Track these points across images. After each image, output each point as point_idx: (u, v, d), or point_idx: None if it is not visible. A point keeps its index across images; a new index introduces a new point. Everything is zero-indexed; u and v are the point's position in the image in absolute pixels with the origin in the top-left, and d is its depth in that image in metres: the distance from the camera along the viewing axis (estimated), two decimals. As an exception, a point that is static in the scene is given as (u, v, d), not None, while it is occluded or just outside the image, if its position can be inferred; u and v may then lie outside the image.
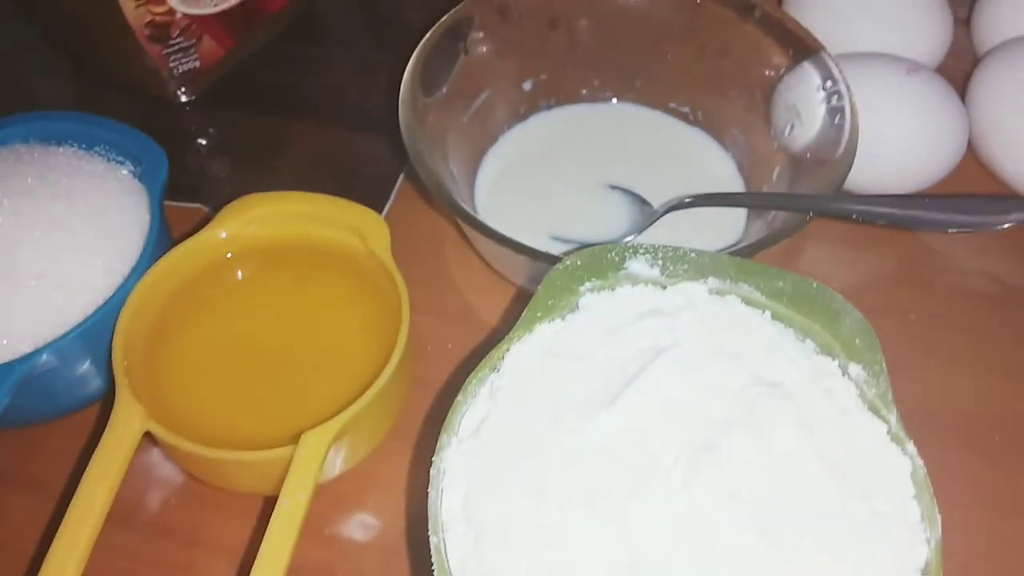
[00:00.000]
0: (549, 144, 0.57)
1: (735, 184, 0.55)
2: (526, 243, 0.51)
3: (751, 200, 0.48)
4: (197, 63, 0.62)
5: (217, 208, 0.48)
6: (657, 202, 0.53)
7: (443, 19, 0.52)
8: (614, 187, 0.55)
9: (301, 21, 0.69)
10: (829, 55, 0.50)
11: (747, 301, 0.38)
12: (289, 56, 0.67)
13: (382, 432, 0.44)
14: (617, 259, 0.40)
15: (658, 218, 0.51)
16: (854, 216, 0.41)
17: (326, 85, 0.66)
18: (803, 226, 0.43)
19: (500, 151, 0.57)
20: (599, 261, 0.40)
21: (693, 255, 0.40)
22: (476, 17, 0.53)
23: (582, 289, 0.39)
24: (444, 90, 0.52)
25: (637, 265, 0.40)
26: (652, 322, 0.37)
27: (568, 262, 0.40)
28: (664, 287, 0.39)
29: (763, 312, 0.38)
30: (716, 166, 0.56)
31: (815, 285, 0.38)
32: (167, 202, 0.49)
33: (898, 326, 0.49)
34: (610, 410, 0.34)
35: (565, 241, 0.52)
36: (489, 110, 0.56)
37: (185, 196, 0.57)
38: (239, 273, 0.47)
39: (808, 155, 0.49)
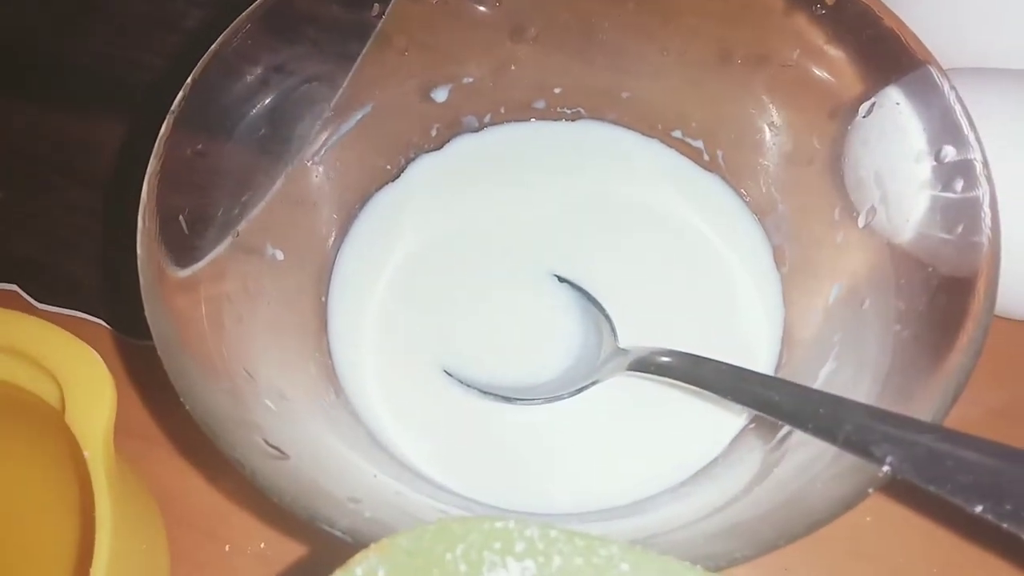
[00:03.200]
0: (467, 193, 0.35)
1: (764, 290, 0.32)
2: (410, 371, 0.31)
3: (777, 398, 0.24)
4: None
5: None
6: (626, 314, 0.31)
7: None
8: (563, 280, 0.33)
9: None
10: (948, 81, 0.27)
11: None
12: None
13: None
14: (464, 570, 0.19)
15: (609, 376, 0.29)
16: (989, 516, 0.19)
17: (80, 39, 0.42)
18: (863, 494, 0.21)
19: (385, 204, 0.35)
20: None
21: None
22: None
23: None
24: (258, 118, 0.30)
25: (500, 594, 0.19)
26: None
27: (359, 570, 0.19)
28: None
29: None
30: (737, 246, 0.34)
31: None
32: None
33: None
34: None
35: (461, 382, 0.31)
36: (368, 139, 0.34)
37: None
38: None
39: (898, 282, 0.27)
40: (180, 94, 0.28)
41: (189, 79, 0.28)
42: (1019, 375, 0.33)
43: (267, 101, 0.31)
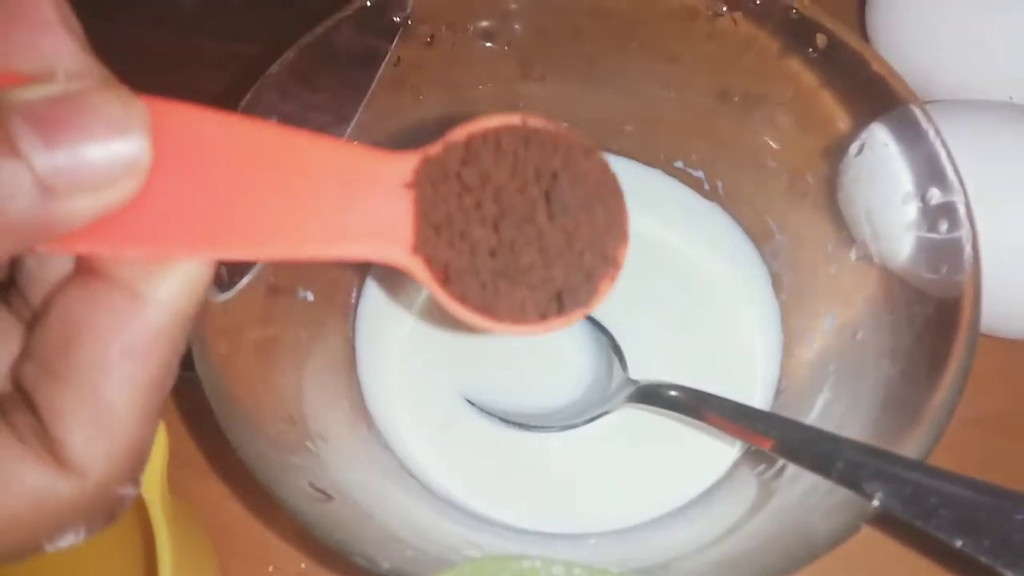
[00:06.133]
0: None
1: (764, 317, 0.34)
2: (434, 401, 0.34)
3: (775, 434, 0.26)
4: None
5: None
6: (633, 340, 0.33)
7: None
8: (573, 308, 0.35)
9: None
10: (933, 126, 0.29)
11: None
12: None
13: None
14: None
15: (619, 407, 0.31)
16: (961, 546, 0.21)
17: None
18: (858, 525, 0.23)
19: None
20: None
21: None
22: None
23: None
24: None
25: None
26: None
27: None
28: None
29: None
30: (737, 274, 0.36)
31: None
32: None
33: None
34: None
35: (481, 409, 0.33)
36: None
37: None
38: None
39: (887, 317, 0.29)
40: None
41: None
42: (1000, 387, 0.35)
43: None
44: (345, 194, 0.18)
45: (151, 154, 0.15)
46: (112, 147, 0.15)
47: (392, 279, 0.36)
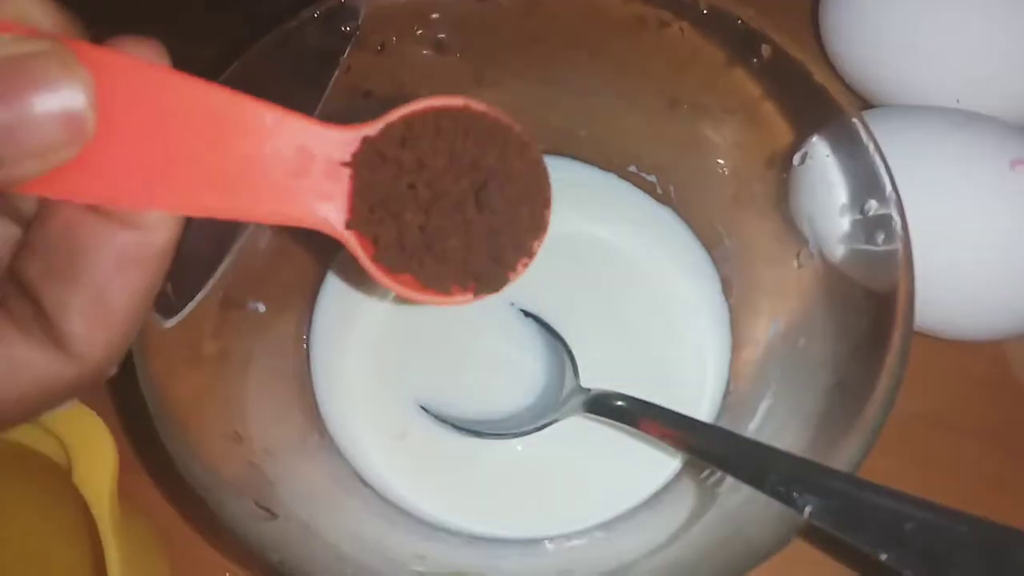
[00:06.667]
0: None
1: (714, 321, 0.35)
2: (389, 407, 0.34)
3: (714, 447, 0.26)
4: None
5: None
6: (584, 343, 0.34)
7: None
8: (528, 314, 0.35)
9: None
10: (874, 140, 0.29)
11: None
12: None
13: None
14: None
15: (568, 416, 0.32)
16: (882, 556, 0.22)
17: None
18: (792, 535, 0.24)
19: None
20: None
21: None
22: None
23: None
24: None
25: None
26: None
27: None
28: None
29: None
30: (688, 277, 0.36)
31: None
32: None
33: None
34: None
35: (436, 416, 0.33)
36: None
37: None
38: None
39: (827, 326, 0.29)
40: None
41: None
42: (940, 386, 0.36)
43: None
44: (287, 160, 0.19)
45: (95, 120, 0.16)
46: (56, 113, 0.16)
47: (348, 287, 0.36)
